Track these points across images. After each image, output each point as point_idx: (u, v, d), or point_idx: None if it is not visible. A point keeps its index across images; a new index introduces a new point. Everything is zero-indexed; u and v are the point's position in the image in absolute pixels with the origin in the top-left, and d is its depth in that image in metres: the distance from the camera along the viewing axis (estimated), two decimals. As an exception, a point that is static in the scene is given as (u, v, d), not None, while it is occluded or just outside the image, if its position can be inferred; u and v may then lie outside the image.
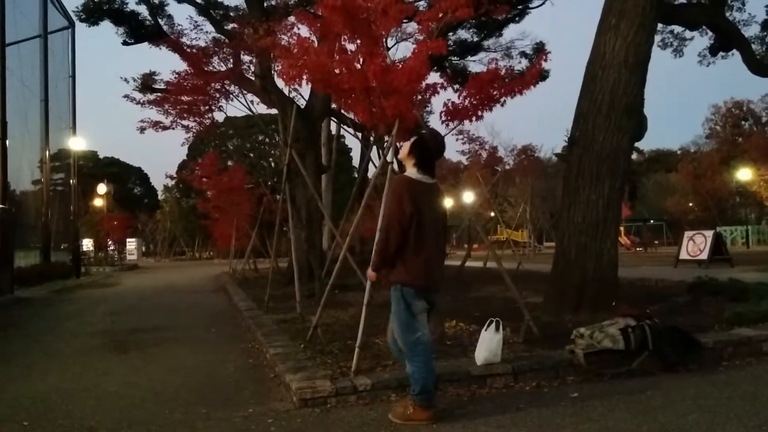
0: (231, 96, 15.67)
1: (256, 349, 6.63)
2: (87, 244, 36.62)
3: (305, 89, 13.82)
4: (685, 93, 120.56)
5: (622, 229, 32.14)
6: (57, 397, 4.85)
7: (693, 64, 18.93)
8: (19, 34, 20.56)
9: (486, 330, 4.83)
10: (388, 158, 5.82)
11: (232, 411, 4.28)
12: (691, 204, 49.45)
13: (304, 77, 6.68)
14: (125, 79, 16.15)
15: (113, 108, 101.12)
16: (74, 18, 20.47)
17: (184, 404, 4.51)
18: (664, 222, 44.50)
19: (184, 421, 4.09)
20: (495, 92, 7.12)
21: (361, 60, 6.35)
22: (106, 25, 16.20)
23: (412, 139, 4.01)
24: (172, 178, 41.54)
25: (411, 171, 3.94)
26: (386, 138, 6.46)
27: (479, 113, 7.10)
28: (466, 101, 7.05)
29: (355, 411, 4.09)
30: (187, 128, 15.88)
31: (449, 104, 6.94)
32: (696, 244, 16.80)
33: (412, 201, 3.78)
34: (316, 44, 8.01)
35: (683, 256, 17.03)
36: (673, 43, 15.63)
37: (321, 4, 6.24)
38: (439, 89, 7.01)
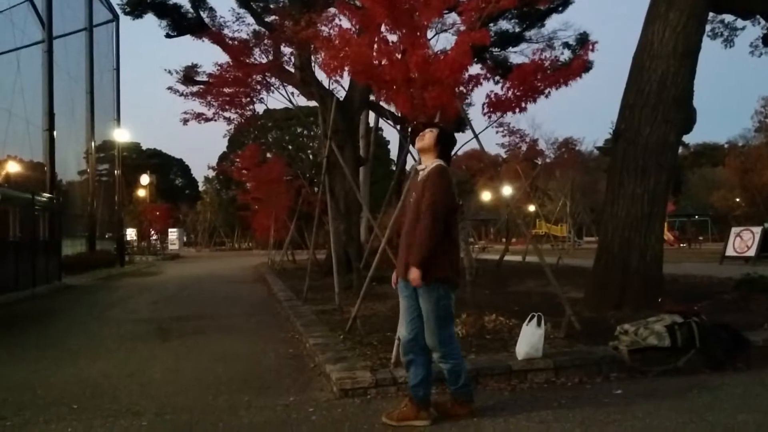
0: (271, 88, 15.83)
1: (295, 338, 6.70)
2: (130, 233, 37.60)
3: (344, 81, 13.86)
4: (733, 84, 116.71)
5: (665, 224, 31.36)
6: (103, 381, 4.99)
7: (743, 54, 18.25)
8: (66, 28, 21.14)
9: (527, 324, 4.77)
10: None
11: (274, 399, 4.33)
12: (738, 199, 47.91)
13: (346, 68, 6.69)
14: (169, 71, 16.38)
15: (155, 100, 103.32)
16: (118, 11, 20.91)
17: (226, 391, 4.58)
18: (709, 217, 43.31)
19: (227, 408, 4.16)
20: (539, 83, 7.00)
21: (402, 51, 6.31)
22: (150, 18, 16.49)
23: (436, 131, 3.92)
24: (213, 169, 42.25)
25: (440, 161, 3.84)
26: (426, 130, 6.42)
27: (523, 105, 7.00)
28: (509, 92, 6.95)
29: (395, 402, 4.07)
30: (228, 120, 16.10)
31: (492, 96, 6.85)
32: (743, 241, 16.31)
33: (455, 192, 3.76)
34: (356, 35, 8.01)
35: (729, 252, 16.56)
36: (723, 32, 15.06)
37: (363, -6, 6.23)
38: (481, 80, 6.95)
